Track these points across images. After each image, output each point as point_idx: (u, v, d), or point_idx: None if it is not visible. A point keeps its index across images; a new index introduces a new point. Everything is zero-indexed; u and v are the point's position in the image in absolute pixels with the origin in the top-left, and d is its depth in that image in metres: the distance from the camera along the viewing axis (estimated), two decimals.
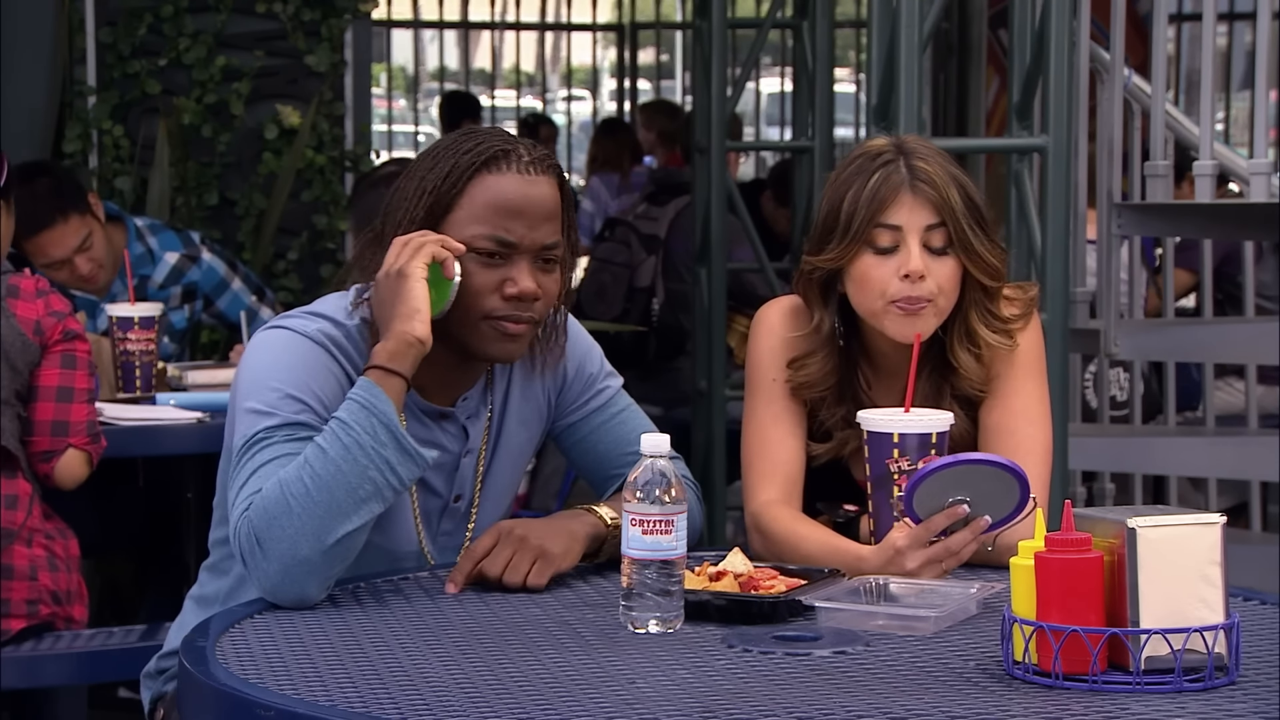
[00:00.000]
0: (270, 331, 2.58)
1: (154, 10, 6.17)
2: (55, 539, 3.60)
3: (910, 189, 2.68)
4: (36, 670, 3.55)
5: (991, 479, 2.45)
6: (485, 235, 2.55)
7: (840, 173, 2.75)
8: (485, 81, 14.79)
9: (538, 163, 2.58)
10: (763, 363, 2.79)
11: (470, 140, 2.60)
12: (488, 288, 2.55)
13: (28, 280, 3.64)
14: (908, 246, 2.67)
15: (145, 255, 4.81)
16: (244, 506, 2.43)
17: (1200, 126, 4.98)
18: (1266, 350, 5.25)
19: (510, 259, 2.56)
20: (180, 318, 4.89)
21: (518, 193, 2.55)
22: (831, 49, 6.03)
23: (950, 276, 2.68)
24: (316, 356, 2.54)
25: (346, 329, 2.59)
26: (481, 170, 2.56)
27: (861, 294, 2.70)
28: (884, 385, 2.78)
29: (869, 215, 2.67)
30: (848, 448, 2.75)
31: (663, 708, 1.94)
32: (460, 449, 2.68)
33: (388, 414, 2.42)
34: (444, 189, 2.56)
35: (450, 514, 2.70)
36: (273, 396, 2.50)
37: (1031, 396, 2.75)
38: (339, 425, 2.42)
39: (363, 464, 2.40)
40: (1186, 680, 2.01)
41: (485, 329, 2.56)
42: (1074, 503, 2.12)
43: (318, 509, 2.38)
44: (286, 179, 6.10)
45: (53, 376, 3.62)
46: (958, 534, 2.46)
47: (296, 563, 2.38)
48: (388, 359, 2.47)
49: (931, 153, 2.72)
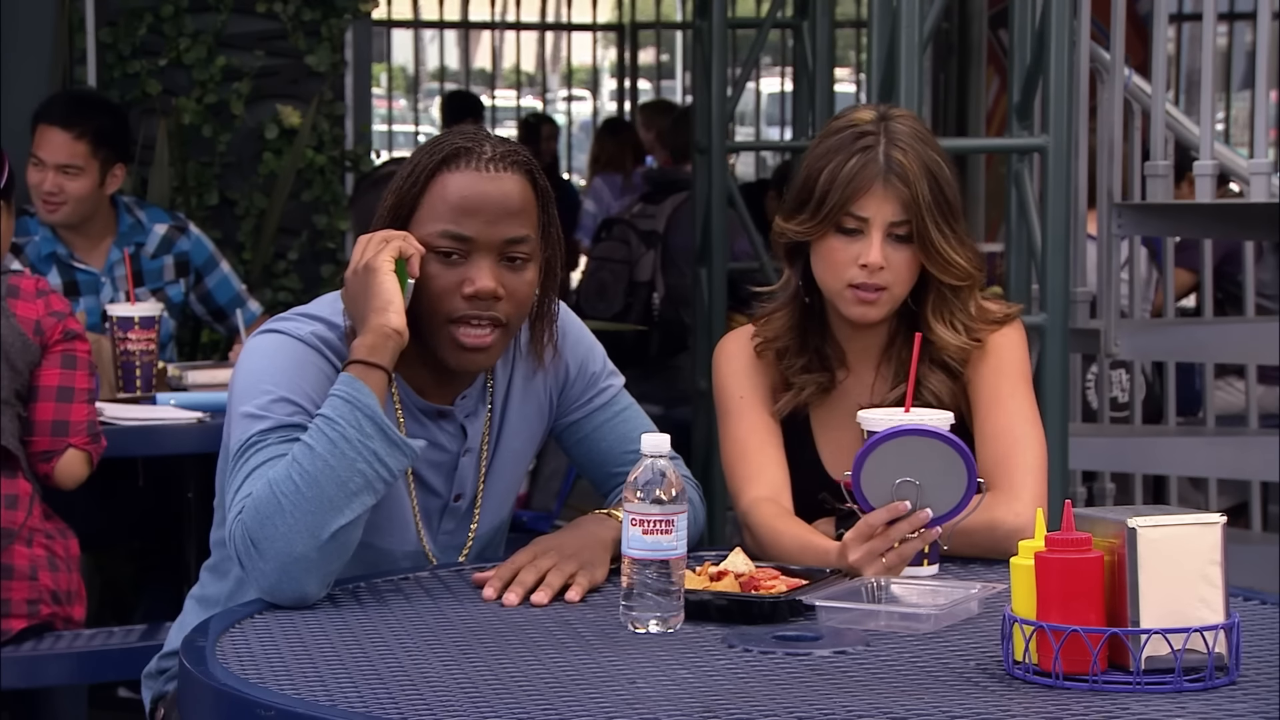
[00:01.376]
0: (264, 336, 2.59)
1: (154, 10, 6.16)
2: (55, 539, 3.60)
3: (883, 181, 2.74)
4: (36, 670, 3.54)
5: (940, 461, 2.46)
6: (440, 233, 2.55)
7: (823, 140, 2.81)
8: (485, 81, 14.79)
9: (500, 159, 2.57)
10: (728, 385, 2.86)
11: (437, 140, 2.62)
12: (449, 289, 2.55)
13: (27, 280, 3.65)
14: (870, 238, 2.74)
15: (136, 225, 4.87)
16: (237, 510, 2.43)
17: (1200, 126, 4.98)
18: (1266, 350, 5.25)
19: (469, 258, 2.56)
20: (177, 291, 4.91)
21: (473, 189, 2.55)
22: (831, 49, 6.02)
23: (910, 265, 2.76)
24: (309, 359, 2.55)
25: (340, 330, 2.59)
26: (440, 169, 2.57)
27: (823, 271, 2.79)
28: (858, 341, 2.84)
29: (841, 201, 2.74)
30: (805, 393, 2.82)
31: (663, 708, 1.95)
32: (459, 448, 2.68)
33: (371, 406, 2.42)
34: (405, 189, 2.58)
35: (451, 513, 2.70)
36: (265, 400, 2.50)
37: (1022, 400, 2.79)
38: (324, 421, 2.42)
39: (350, 457, 2.40)
40: (1186, 680, 2.01)
41: (445, 336, 2.56)
42: (1074, 503, 2.12)
43: (309, 505, 2.38)
44: (286, 179, 6.10)
45: (53, 376, 3.62)
46: (898, 525, 2.47)
47: (293, 560, 2.38)
48: (367, 353, 2.47)
49: (912, 140, 2.77)
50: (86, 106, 4.88)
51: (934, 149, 2.79)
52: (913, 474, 2.46)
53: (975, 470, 2.47)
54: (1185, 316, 6.31)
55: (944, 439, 2.46)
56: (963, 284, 2.78)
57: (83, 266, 4.75)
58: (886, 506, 2.47)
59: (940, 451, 2.46)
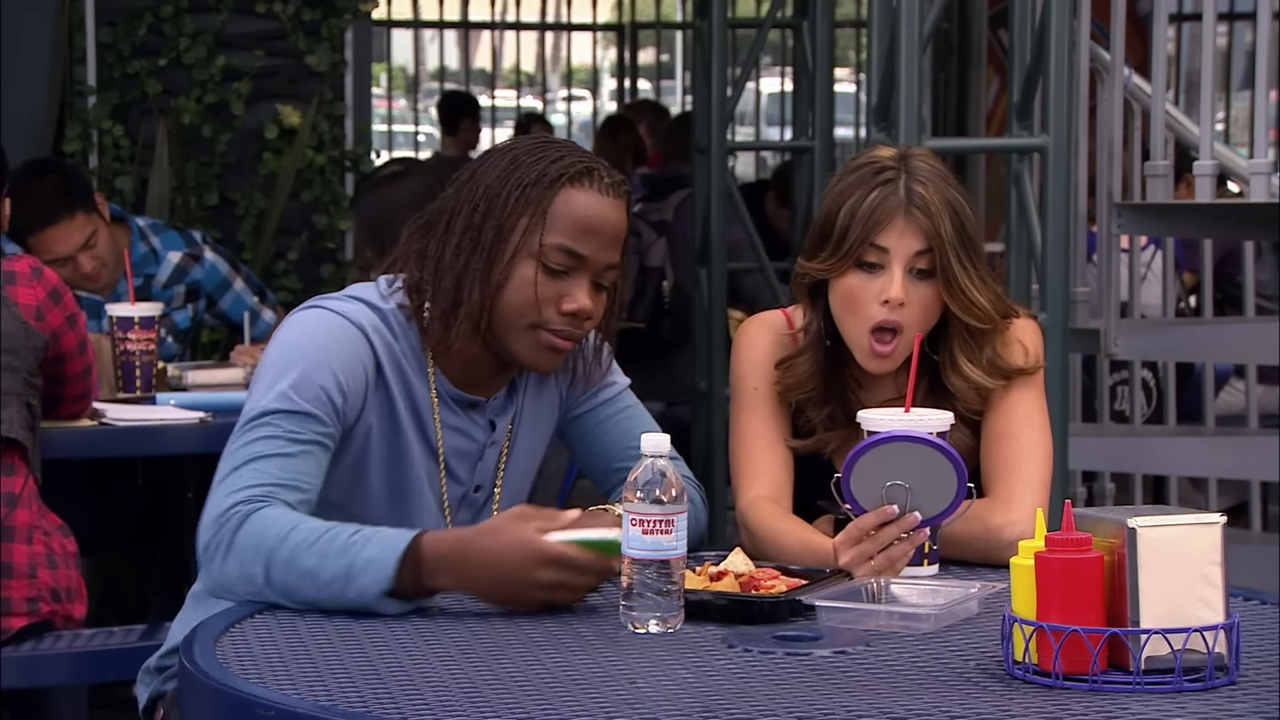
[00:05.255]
0: (307, 311, 2.62)
1: (154, 10, 6.16)
2: (53, 535, 3.60)
3: (904, 214, 2.69)
4: (36, 670, 3.54)
5: (930, 465, 2.46)
6: (559, 246, 2.57)
7: (842, 179, 2.77)
8: (485, 81, 14.78)
9: (616, 186, 2.61)
10: (745, 374, 2.84)
11: (554, 151, 2.61)
12: (548, 299, 2.58)
13: (21, 263, 3.66)
14: (892, 272, 2.69)
15: (149, 255, 4.82)
16: (239, 499, 2.44)
17: (1200, 126, 4.99)
18: (1266, 350, 5.26)
19: (572, 275, 2.58)
20: (184, 317, 4.89)
21: (597, 211, 2.58)
22: (831, 49, 6.03)
23: (932, 303, 2.71)
24: (350, 338, 2.58)
25: (383, 311, 2.62)
26: (566, 183, 2.57)
27: (844, 312, 2.74)
28: (877, 382, 2.80)
29: (862, 235, 2.69)
30: (829, 447, 2.78)
31: (663, 708, 1.95)
32: (485, 439, 2.71)
33: (375, 589, 2.36)
34: (525, 192, 2.57)
35: (469, 504, 2.72)
36: (295, 378, 2.52)
37: (1033, 406, 2.77)
38: (349, 567, 2.37)
39: (339, 595, 2.38)
40: (1186, 680, 2.01)
41: (533, 337, 2.59)
42: (1074, 503, 2.12)
43: (292, 581, 2.39)
44: (286, 179, 6.10)
45: (71, 339, 3.70)
46: (887, 528, 2.47)
47: (250, 592, 2.42)
48: (441, 570, 2.37)
49: (932, 175, 2.73)
50: (45, 185, 4.60)
51: (955, 188, 2.74)
52: (903, 477, 2.46)
53: (965, 475, 2.46)
54: (1185, 316, 6.31)
55: (934, 445, 2.46)
56: (984, 327, 2.73)
57: (86, 296, 4.70)
58: (876, 510, 2.47)
59: (931, 456, 2.46)
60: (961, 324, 2.73)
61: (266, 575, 2.40)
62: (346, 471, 2.62)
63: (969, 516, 2.54)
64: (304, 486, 2.50)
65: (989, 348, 2.75)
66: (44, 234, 4.58)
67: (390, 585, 2.34)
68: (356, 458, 2.62)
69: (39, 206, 4.54)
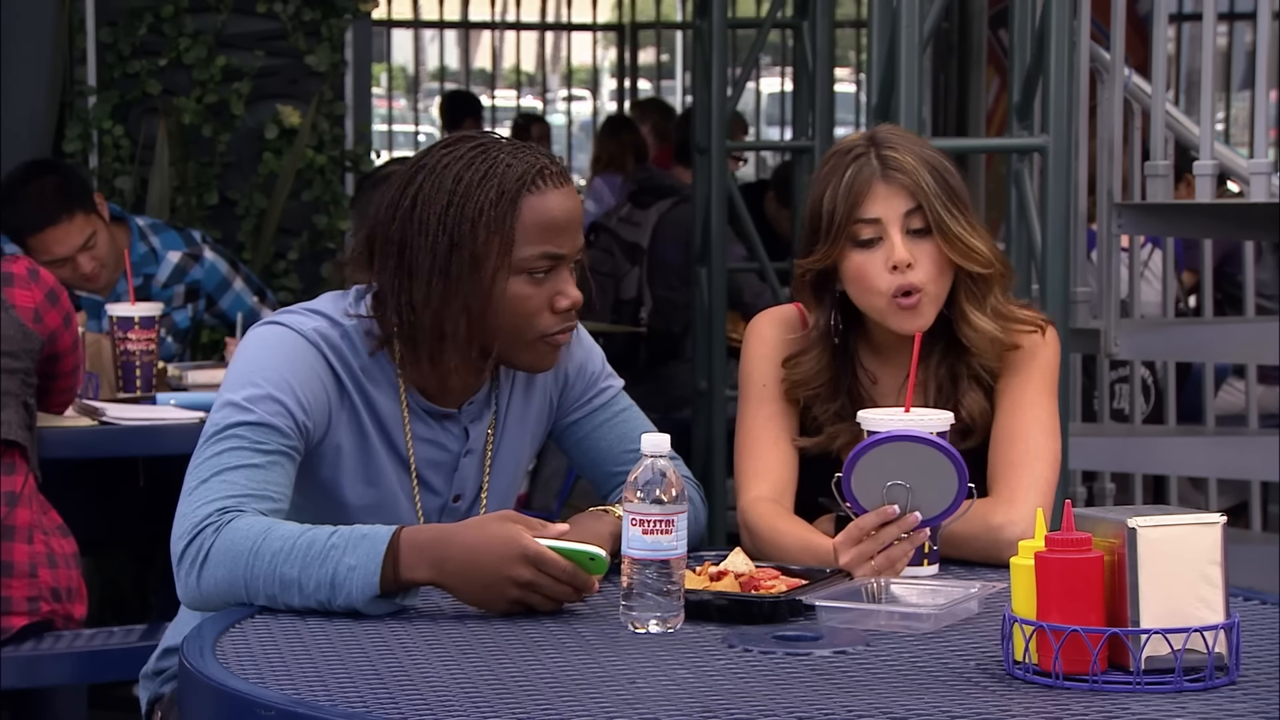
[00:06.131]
0: (266, 327, 2.60)
1: (154, 10, 6.16)
2: (53, 535, 3.61)
3: (883, 178, 2.72)
4: (36, 669, 3.55)
5: (931, 465, 2.46)
6: (540, 254, 2.55)
7: (817, 173, 2.80)
8: (485, 81, 14.79)
9: (562, 173, 2.59)
10: (753, 370, 2.83)
11: (497, 159, 2.56)
12: (540, 307, 2.57)
13: (19, 264, 3.67)
14: (890, 237, 2.71)
15: (149, 255, 4.82)
16: (212, 510, 2.43)
17: (1200, 126, 4.98)
18: (1266, 350, 5.26)
19: (554, 273, 2.58)
20: (183, 317, 4.89)
21: (560, 208, 2.57)
22: (831, 49, 6.03)
23: (937, 258, 2.72)
24: (307, 355, 2.56)
25: (343, 328, 2.59)
26: (523, 192, 2.54)
27: (859, 291, 2.74)
28: (889, 375, 2.81)
29: (847, 211, 2.71)
30: (837, 442, 2.78)
31: (663, 708, 1.95)
32: (460, 449, 2.69)
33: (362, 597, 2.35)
34: (494, 215, 2.52)
35: (450, 513, 2.70)
36: (254, 393, 2.51)
37: (1044, 410, 2.76)
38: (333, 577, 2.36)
39: (326, 603, 2.37)
40: (1186, 680, 2.01)
41: (540, 346, 2.59)
42: (1074, 503, 2.12)
43: (275, 592, 2.38)
44: (286, 179, 6.10)
45: (66, 340, 3.71)
46: (887, 529, 2.47)
47: (223, 601, 2.42)
48: (418, 563, 2.36)
49: (903, 139, 2.76)
50: (44, 186, 4.60)
51: (927, 146, 2.78)
52: (904, 477, 2.46)
53: (966, 475, 2.46)
54: (1185, 316, 6.31)
55: (935, 445, 2.46)
56: (987, 271, 2.73)
57: (86, 295, 4.70)
58: (876, 510, 2.47)
59: (932, 456, 2.46)
60: (965, 275, 2.74)
61: (248, 586, 2.39)
62: (320, 489, 2.60)
63: (970, 515, 2.54)
64: (274, 496, 2.48)
65: (992, 296, 2.76)
66: (43, 235, 4.58)
67: (376, 591, 2.34)
68: (329, 475, 2.60)
69: (38, 207, 4.55)
